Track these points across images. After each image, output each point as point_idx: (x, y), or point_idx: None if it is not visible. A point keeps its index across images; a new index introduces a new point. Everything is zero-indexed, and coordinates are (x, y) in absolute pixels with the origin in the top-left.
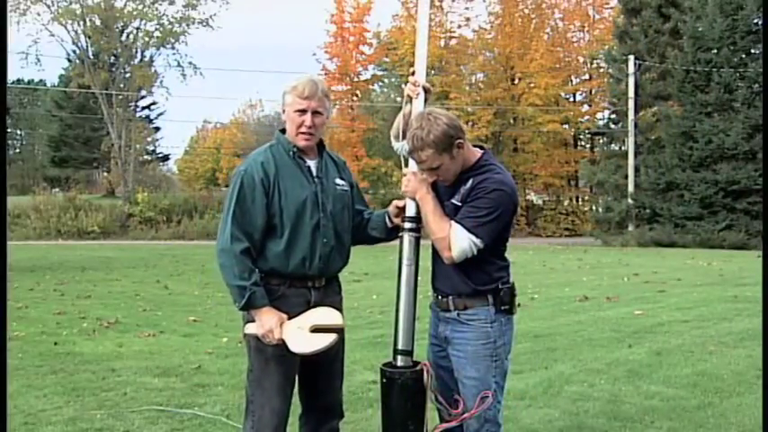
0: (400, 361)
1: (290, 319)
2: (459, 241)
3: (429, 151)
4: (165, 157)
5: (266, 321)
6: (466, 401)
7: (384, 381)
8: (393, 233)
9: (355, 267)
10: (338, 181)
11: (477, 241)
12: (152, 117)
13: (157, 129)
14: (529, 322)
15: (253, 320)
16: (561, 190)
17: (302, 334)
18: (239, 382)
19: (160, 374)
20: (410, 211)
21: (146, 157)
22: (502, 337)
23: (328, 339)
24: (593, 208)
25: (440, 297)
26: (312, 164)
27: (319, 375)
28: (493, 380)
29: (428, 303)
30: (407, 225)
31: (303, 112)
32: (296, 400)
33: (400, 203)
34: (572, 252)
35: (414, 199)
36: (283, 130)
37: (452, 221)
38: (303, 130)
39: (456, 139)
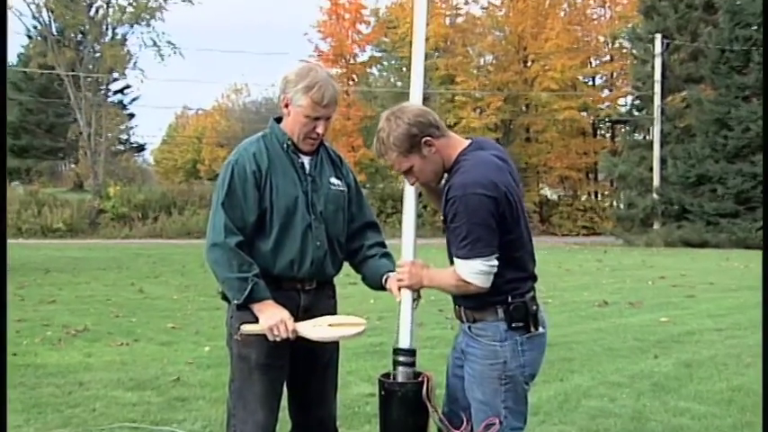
0: (401, 374)
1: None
2: (470, 270)
3: (393, 154)
4: (141, 147)
5: (274, 313)
6: (474, 424)
7: (382, 393)
8: (383, 290)
9: (350, 269)
10: (333, 180)
11: (486, 260)
12: (125, 102)
13: (131, 115)
14: None
15: (249, 321)
16: (578, 184)
17: (319, 327)
18: (222, 395)
19: (134, 387)
20: (403, 342)
21: (118, 146)
22: (516, 359)
23: (355, 329)
24: (615, 204)
25: (455, 305)
26: (306, 160)
27: (310, 386)
28: (502, 404)
29: (431, 307)
30: (402, 359)
31: (317, 119)
32: (285, 415)
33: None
34: (590, 252)
35: (417, 290)
36: (278, 119)
37: (454, 259)
38: (313, 136)
39: (422, 137)
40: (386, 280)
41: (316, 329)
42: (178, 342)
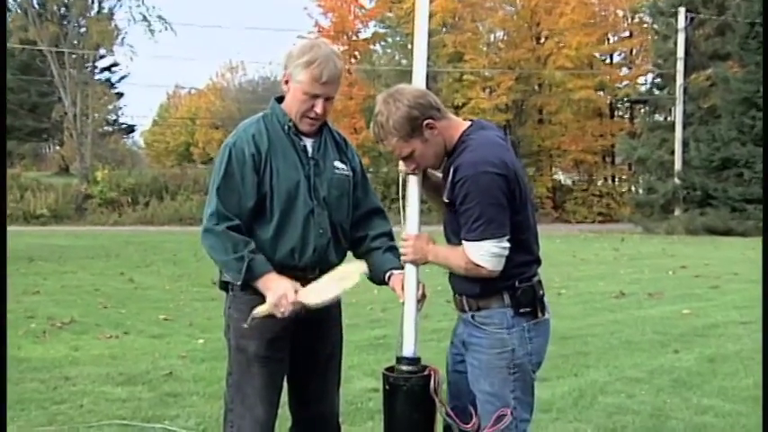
0: (405, 365)
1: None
2: (481, 252)
3: (393, 139)
4: (130, 129)
5: (277, 287)
6: (481, 418)
7: (387, 388)
8: (384, 284)
9: (353, 256)
10: (337, 164)
11: (498, 242)
12: (113, 81)
13: (120, 95)
14: (556, 322)
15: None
16: (594, 168)
17: (317, 287)
18: (218, 390)
19: (124, 383)
20: (407, 350)
21: (106, 127)
22: (524, 346)
23: (354, 280)
24: (633, 189)
25: (455, 295)
26: (309, 143)
27: (311, 380)
28: (511, 395)
29: (437, 298)
30: (406, 367)
31: (315, 96)
32: (285, 411)
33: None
34: (607, 240)
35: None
36: (280, 99)
37: (463, 242)
38: (311, 115)
39: (423, 119)
40: (389, 277)
41: (317, 295)
42: (170, 334)
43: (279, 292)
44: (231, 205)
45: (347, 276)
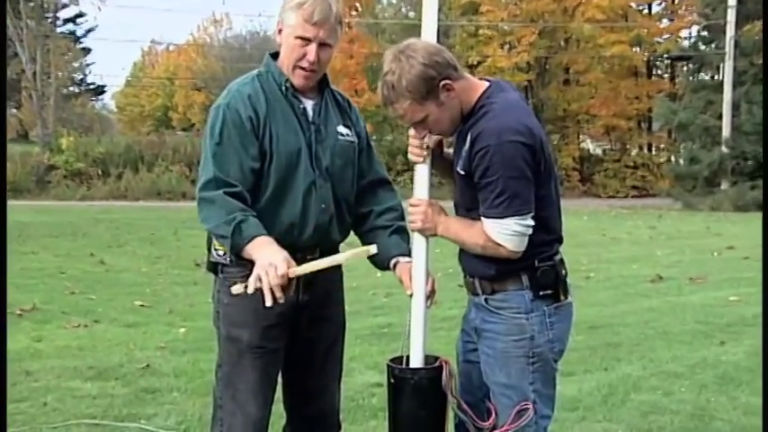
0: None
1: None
2: (503, 230)
3: (405, 102)
4: (99, 90)
5: (266, 255)
6: (498, 413)
7: (392, 381)
8: (389, 270)
9: (354, 237)
10: (341, 129)
11: (522, 219)
12: (78, 34)
13: (87, 50)
14: (583, 309)
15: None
16: (628, 135)
17: (314, 263)
18: (200, 385)
19: (94, 377)
20: (416, 362)
21: (71, 88)
22: (545, 333)
23: (355, 257)
24: (673, 159)
25: (466, 277)
26: (309, 105)
27: (310, 374)
28: (530, 387)
29: (448, 282)
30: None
31: (307, 41)
32: (279, 408)
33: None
34: (642, 217)
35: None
36: (275, 55)
37: (482, 219)
38: (304, 64)
39: (440, 79)
40: (395, 265)
41: (315, 263)
42: (147, 323)
43: (265, 260)
44: (231, 171)
45: (352, 255)
